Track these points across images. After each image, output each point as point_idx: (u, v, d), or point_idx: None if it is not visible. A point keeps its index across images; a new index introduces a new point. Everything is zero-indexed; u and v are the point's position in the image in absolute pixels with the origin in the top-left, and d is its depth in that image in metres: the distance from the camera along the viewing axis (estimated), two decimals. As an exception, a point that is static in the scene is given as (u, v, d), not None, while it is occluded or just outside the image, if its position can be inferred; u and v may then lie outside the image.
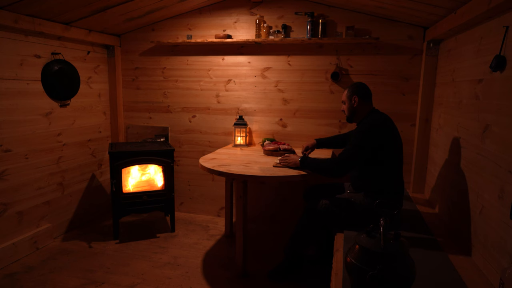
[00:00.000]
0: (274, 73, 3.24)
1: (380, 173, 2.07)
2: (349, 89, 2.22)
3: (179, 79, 3.49)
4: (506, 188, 1.52)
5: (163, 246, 2.90)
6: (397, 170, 2.11)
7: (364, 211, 2.05)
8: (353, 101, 2.18)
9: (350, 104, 2.20)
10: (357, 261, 1.32)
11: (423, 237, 1.99)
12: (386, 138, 2.05)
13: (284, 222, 3.34)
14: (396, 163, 2.11)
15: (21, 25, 2.46)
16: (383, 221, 1.36)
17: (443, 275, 1.60)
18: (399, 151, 2.12)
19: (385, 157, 2.06)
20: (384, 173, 2.08)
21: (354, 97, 2.17)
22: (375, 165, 2.07)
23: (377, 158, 2.04)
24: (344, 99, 2.24)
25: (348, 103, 2.21)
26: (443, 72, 2.59)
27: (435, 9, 2.22)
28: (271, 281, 2.39)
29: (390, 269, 1.25)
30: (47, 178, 2.89)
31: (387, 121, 2.09)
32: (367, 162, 2.08)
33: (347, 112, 2.24)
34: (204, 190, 3.58)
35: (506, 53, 1.59)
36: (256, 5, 3.18)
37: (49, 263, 2.59)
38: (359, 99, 2.17)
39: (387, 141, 2.05)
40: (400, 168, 2.13)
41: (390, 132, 2.07)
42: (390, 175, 2.09)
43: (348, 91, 2.22)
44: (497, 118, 1.65)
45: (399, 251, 1.30)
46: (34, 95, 2.75)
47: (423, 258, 1.74)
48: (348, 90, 2.22)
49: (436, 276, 1.59)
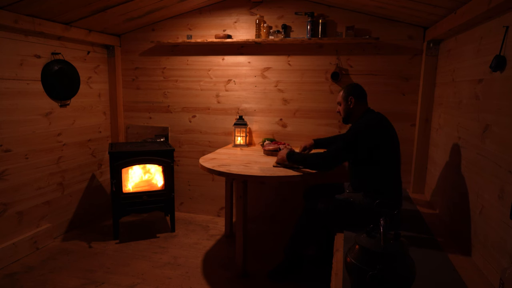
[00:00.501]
0: (274, 73, 3.24)
1: (377, 173, 2.08)
2: (344, 90, 2.23)
3: (179, 79, 3.49)
4: (506, 188, 1.52)
5: (163, 246, 2.90)
6: (395, 170, 2.12)
7: (363, 211, 2.05)
8: (349, 102, 2.19)
9: (346, 105, 2.21)
10: (357, 261, 1.32)
11: (423, 237, 1.99)
12: (382, 137, 2.05)
13: (284, 222, 3.34)
14: (393, 163, 2.11)
15: (21, 25, 2.46)
16: (383, 221, 1.36)
17: (443, 275, 1.60)
18: (396, 150, 2.12)
19: (382, 157, 2.06)
20: (382, 173, 2.08)
21: (350, 98, 2.19)
22: (372, 165, 2.07)
23: (374, 158, 2.05)
24: (340, 100, 2.25)
25: (344, 104, 2.22)
26: (443, 72, 2.59)
27: (435, 9, 2.22)
28: (271, 281, 2.39)
29: (390, 269, 1.25)
30: (47, 178, 2.89)
31: (383, 120, 2.10)
32: (364, 162, 2.08)
33: (343, 113, 2.25)
34: (204, 190, 3.58)
35: (506, 53, 1.59)
36: (256, 5, 3.18)
37: (49, 263, 2.59)
38: (355, 99, 2.18)
39: (383, 141, 2.05)
40: (398, 168, 2.14)
41: (386, 132, 2.07)
42: (388, 175, 2.09)
43: (343, 92, 2.23)
44: (497, 118, 1.65)
45: (399, 251, 1.30)
46: (34, 95, 2.75)
47: (423, 258, 1.74)
48: (343, 91, 2.23)
49: (436, 276, 1.59)
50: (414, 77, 2.91)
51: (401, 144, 2.96)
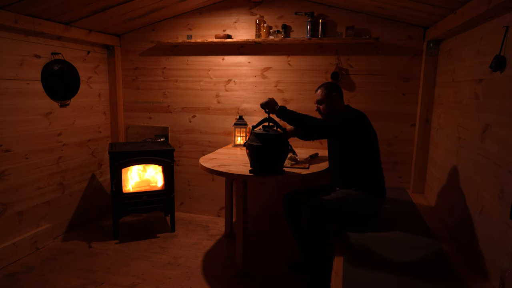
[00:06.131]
0: (274, 73, 3.24)
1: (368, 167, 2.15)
2: (324, 88, 2.22)
3: (179, 79, 3.49)
4: (506, 188, 1.52)
5: (163, 246, 2.90)
6: (379, 164, 2.21)
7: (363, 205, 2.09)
8: (332, 98, 2.20)
9: (329, 102, 2.21)
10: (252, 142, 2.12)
11: (423, 237, 1.99)
12: (368, 131, 2.14)
13: (284, 222, 3.32)
14: (378, 157, 2.20)
15: (21, 25, 2.46)
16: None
17: (443, 275, 1.60)
18: (377, 145, 2.21)
19: (372, 150, 2.15)
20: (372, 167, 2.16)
21: (334, 94, 2.20)
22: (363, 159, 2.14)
23: (364, 151, 2.12)
24: (321, 99, 2.23)
25: (327, 101, 2.21)
26: (443, 72, 2.59)
27: (435, 9, 2.22)
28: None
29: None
30: (47, 178, 2.89)
31: (366, 116, 2.18)
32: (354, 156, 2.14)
33: (326, 110, 2.23)
34: (204, 190, 3.58)
35: (506, 53, 1.59)
36: (256, 5, 3.18)
37: (49, 263, 2.59)
38: (339, 96, 2.22)
39: (370, 134, 2.14)
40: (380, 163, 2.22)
41: (370, 126, 2.15)
42: (377, 169, 2.18)
43: (324, 90, 2.22)
44: (497, 118, 1.65)
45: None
46: (34, 95, 2.75)
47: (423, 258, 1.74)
48: (323, 90, 2.22)
49: (436, 276, 1.59)
50: (414, 77, 2.91)
51: (401, 144, 3.02)
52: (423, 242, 1.93)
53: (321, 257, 1.98)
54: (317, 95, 2.25)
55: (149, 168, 3.26)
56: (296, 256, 2.59)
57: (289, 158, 2.45)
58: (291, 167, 2.39)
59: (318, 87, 2.28)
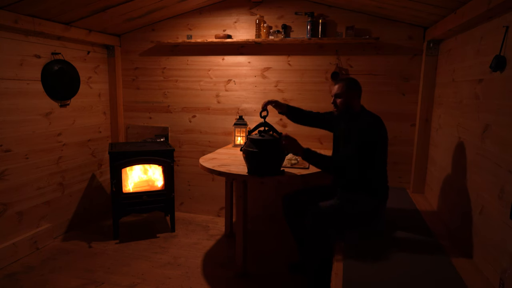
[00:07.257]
0: (274, 73, 3.24)
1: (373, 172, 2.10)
2: (345, 83, 2.12)
3: (179, 79, 3.49)
4: (506, 188, 1.52)
5: (163, 246, 2.90)
6: (385, 168, 2.16)
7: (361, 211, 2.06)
8: (351, 96, 2.11)
9: (348, 99, 2.10)
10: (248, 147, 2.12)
11: (423, 237, 1.99)
12: (383, 136, 2.09)
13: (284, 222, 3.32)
14: (385, 161, 2.16)
15: (21, 25, 2.46)
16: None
17: (443, 275, 1.60)
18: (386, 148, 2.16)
19: (380, 155, 2.10)
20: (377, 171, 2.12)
21: (353, 92, 2.11)
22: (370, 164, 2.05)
23: (372, 157, 2.05)
24: (340, 93, 2.11)
25: (345, 97, 2.10)
26: (443, 72, 2.59)
27: (435, 9, 2.22)
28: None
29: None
30: (47, 178, 2.89)
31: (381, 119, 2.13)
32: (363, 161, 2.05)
33: (342, 106, 2.12)
34: (204, 190, 3.58)
35: (506, 53, 1.59)
36: (256, 5, 3.18)
37: (49, 263, 2.59)
38: (357, 94, 2.12)
39: (383, 140, 2.09)
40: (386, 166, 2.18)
41: (385, 130, 2.10)
42: (382, 173, 2.14)
43: (344, 85, 2.11)
44: (497, 118, 1.65)
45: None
46: (34, 95, 2.75)
47: (423, 258, 1.74)
48: (344, 84, 2.11)
49: (436, 276, 1.59)
50: (414, 77, 2.91)
51: (401, 144, 3.02)
52: (423, 242, 1.93)
53: (321, 257, 1.97)
54: (336, 88, 2.14)
55: (149, 168, 3.26)
56: (296, 256, 2.59)
57: (289, 158, 2.45)
58: (291, 167, 2.39)
59: (338, 80, 2.17)
